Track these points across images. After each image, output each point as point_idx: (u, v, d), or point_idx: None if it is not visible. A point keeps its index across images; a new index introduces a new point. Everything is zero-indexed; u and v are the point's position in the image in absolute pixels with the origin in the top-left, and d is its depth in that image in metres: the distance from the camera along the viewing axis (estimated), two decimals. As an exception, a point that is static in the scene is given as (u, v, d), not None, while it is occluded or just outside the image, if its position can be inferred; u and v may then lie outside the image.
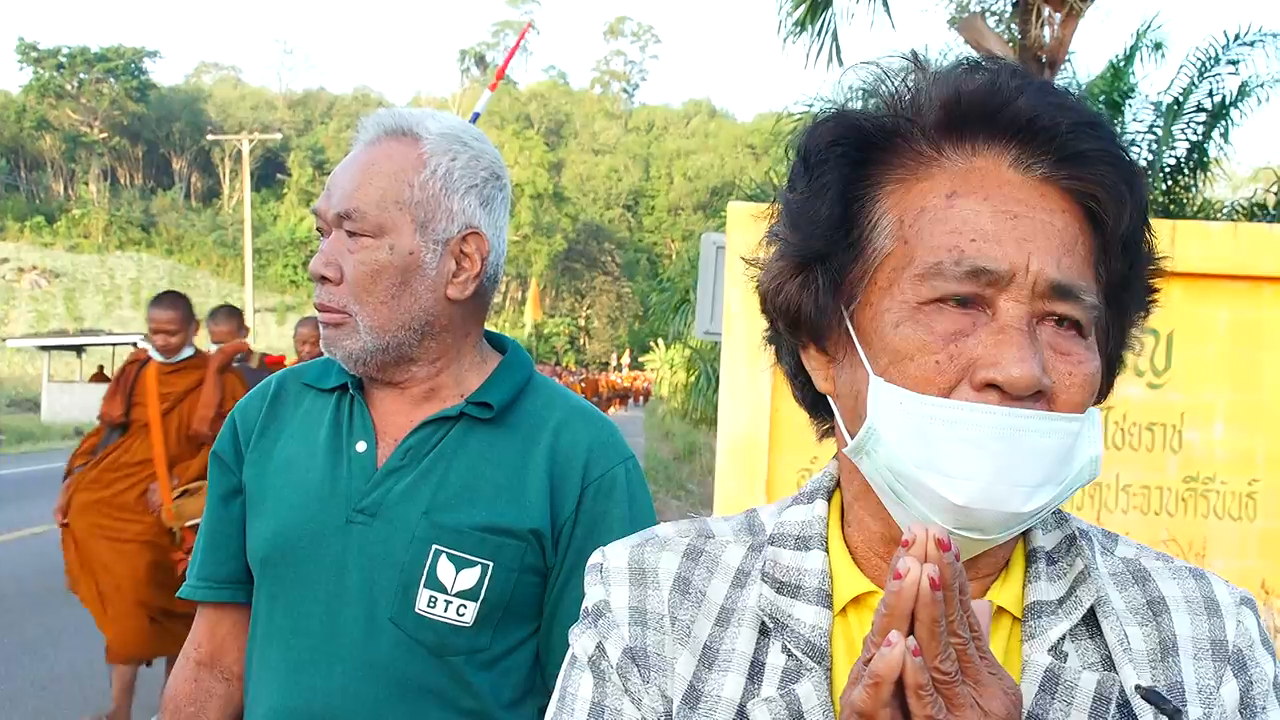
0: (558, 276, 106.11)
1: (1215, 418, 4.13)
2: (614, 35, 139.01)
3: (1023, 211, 1.07)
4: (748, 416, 3.89)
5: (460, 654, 1.93)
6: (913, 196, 1.11)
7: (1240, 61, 14.40)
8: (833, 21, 13.41)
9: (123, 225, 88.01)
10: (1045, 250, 1.06)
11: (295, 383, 2.16)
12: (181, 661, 2.19)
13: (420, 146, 1.99)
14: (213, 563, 2.16)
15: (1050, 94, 1.10)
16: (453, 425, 2.01)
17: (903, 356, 1.07)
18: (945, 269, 1.06)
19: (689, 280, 16.96)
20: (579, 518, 1.99)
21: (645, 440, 34.21)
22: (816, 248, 1.14)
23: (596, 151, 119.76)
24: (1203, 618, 1.17)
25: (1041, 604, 1.14)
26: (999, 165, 1.10)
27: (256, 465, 2.09)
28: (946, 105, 1.11)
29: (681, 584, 1.23)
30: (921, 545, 0.92)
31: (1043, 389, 1.04)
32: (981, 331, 1.05)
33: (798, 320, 1.19)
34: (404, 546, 1.93)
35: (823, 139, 1.15)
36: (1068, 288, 1.06)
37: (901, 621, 0.91)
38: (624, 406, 57.40)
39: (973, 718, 0.93)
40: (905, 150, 1.13)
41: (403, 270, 1.97)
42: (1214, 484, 4.16)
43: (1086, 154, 1.08)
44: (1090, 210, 1.10)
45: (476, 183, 2.02)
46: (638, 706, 1.19)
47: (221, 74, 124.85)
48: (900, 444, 1.07)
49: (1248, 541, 4.07)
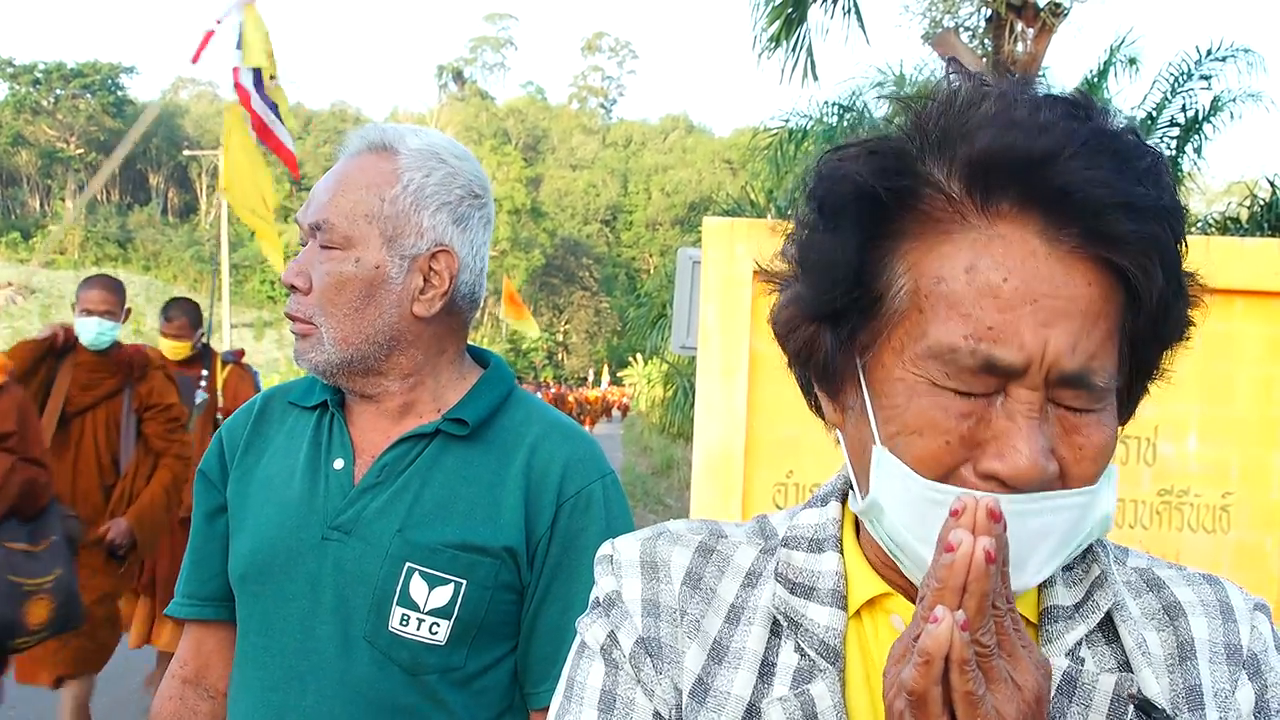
0: (535, 292, 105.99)
1: (1189, 431, 4.14)
2: (592, 51, 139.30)
3: (1045, 293, 1.00)
4: (723, 430, 3.88)
5: (434, 672, 1.92)
6: (931, 261, 1.03)
7: (1213, 77, 14.51)
8: (807, 37, 13.44)
9: (99, 241, 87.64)
10: (1064, 336, 0.99)
11: (280, 400, 2.15)
12: (167, 680, 2.18)
13: (396, 161, 1.99)
14: (197, 580, 2.14)
15: (1097, 155, 1.00)
16: (429, 442, 2.00)
17: (911, 430, 1.04)
18: (959, 358, 1.00)
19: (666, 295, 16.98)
20: (554, 535, 1.96)
21: (624, 455, 34.18)
22: (832, 305, 1.09)
23: (574, 167, 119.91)
24: (1218, 621, 1.16)
25: (1057, 608, 1.13)
26: (1025, 234, 1.01)
27: (239, 483, 2.08)
28: (973, 165, 1.02)
29: (693, 579, 1.22)
30: (971, 515, 0.91)
31: (1048, 478, 1.00)
32: (992, 414, 1.01)
33: (808, 365, 1.16)
34: (378, 564, 1.92)
35: (839, 198, 1.08)
36: (1080, 376, 1.00)
37: (954, 596, 0.90)
38: (592, 426, 55.92)
39: (1007, 692, 0.92)
40: (933, 203, 1.04)
41: (367, 284, 1.96)
42: (1188, 497, 4.16)
43: (1119, 236, 0.99)
44: (1120, 272, 1.02)
45: (450, 200, 2.00)
46: (649, 698, 1.17)
47: (199, 90, 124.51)
48: (900, 517, 1.05)
49: (1221, 554, 4.08)
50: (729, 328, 3.92)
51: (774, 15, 13.34)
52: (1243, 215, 12.94)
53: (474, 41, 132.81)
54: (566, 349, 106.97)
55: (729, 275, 3.94)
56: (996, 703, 0.91)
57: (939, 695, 0.90)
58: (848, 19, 13.55)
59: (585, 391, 67.31)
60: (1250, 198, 13.08)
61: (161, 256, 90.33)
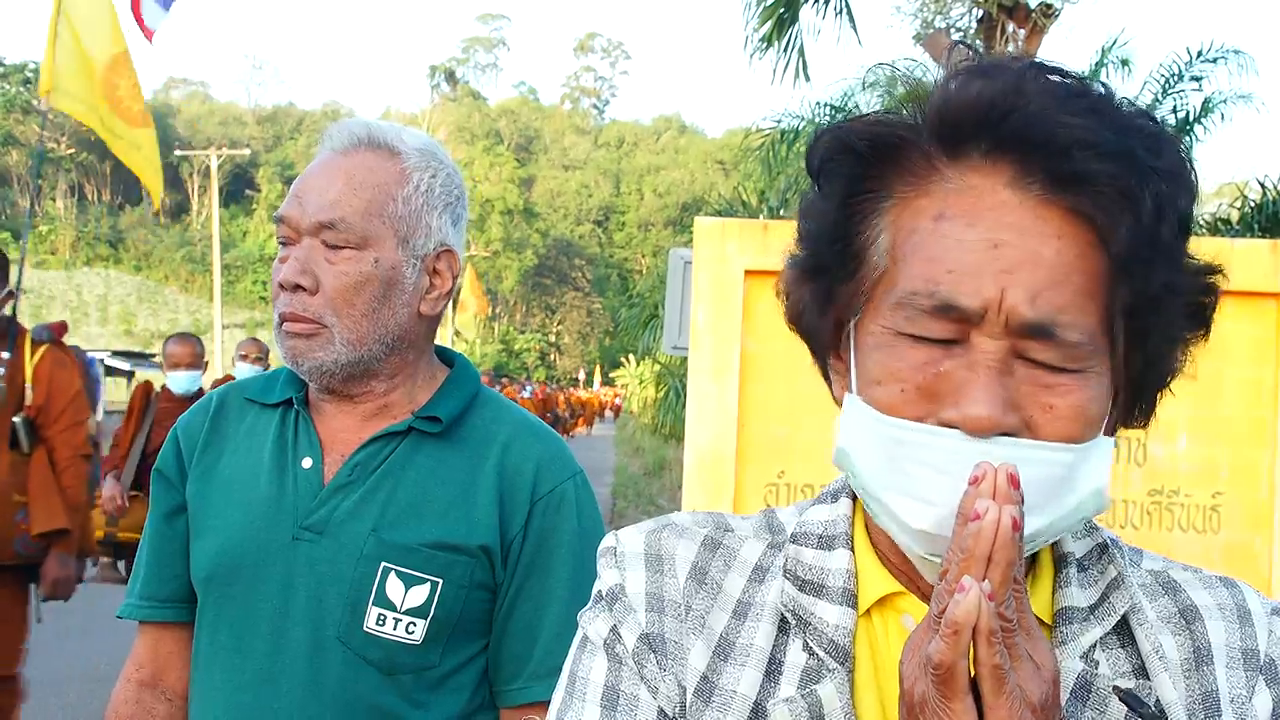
0: (528, 292, 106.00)
1: (1179, 431, 4.15)
2: (584, 51, 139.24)
3: (1010, 239, 0.99)
4: (714, 431, 3.88)
5: (409, 672, 1.92)
6: (908, 215, 1.05)
7: (1204, 78, 14.51)
8: (799, 38, 13.46)
9: (90, 241, 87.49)
10: (1025, 284, 0.98)
11: (238, 398, 2.13)
12: (122, 683, 2.15)
13: (401, 161, 2.00)
14: (155, 581, 2.12)
15: (1067, 100, 1.01)
16: (401, 440, 2.00)
17: (873, 380, 1.04)
18: (918, 301, 1.01)
19: (659, 296, 16.98)
20: (528, 533, 1.97)
21: (616, 456, 34.17)
22: (819, 261, 1.11)
23: (567, 167, 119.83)
24: (1235, 626, 1.13)
25: (1072, 610, 1.10)
26: (995, 184, 1.02)
27: (199, 482, 2.07)
28: (940, 116, 1.04)
29: (698, 573, 1.19)
30: (991, 482, 0.90)
31: (1006, 429, 0.98)
32: (951, 364, 1.00)
33: (805, 330, 1.16)
34: (352, 564, 1.92)
35: (824, 150, 1.11)
36: (1043, 326, 0.98)
37: (979, 565, 0.88)
38: (585, 427, 54.93)
39: (1030, 670, 0.90)
40: (910, 160, 1.06)
41: (386, 284, 1.96)
42: (1178, 497, 4.17)
43: (1082, 175, 0.99)
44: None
45: (451, 201, 2.04)
46: (653, 694, 1.15)
47: (190, 89, 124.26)
48: (869, 464, 1.04)
49: (1211, 554, 4.09)
50: (720, 328, 3.92)
51: (766, 15, 13.35)
52: (1233, 216, 12.96)
53: (466, 41, 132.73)
54: (559, 349, 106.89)
55: (720, 276, 3.94)
56: (1021, 679, 0.90)
57: (965, 669, 0.89)
58: (839, 19, 13.57)
59: (577, 392, 67.19)
60: (1241, 199, 13.10)
61: (153, 256, 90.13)
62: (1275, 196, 12.36)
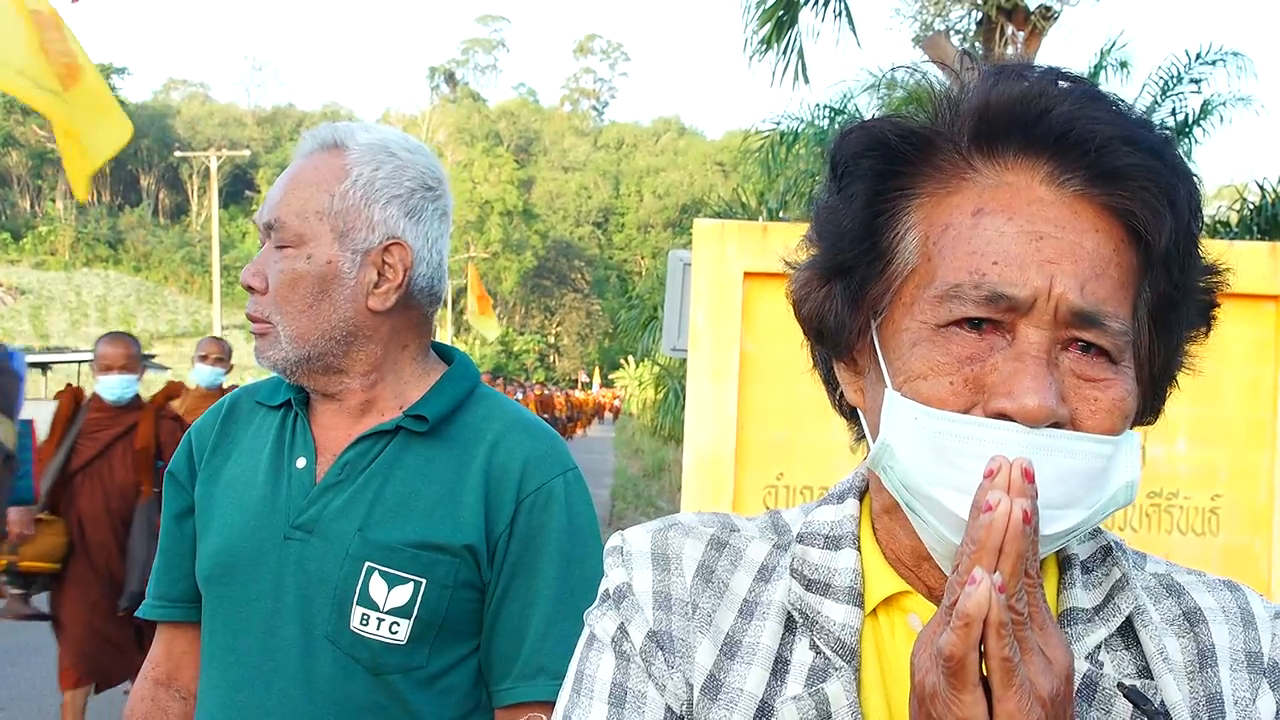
0: (527, 294, 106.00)
1: (1178, 433, 4.15)
2: (583, 53, 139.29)
3: (1050, 232, 1.02)
4: (714, 433, 3.88)
5: (396, 672, 1.92)
6: (941, 212, 1.07)
7: (1203, 80, 14.51)
8: (798, 40, 13.44)
9: (90, 242, 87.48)
10: (1071, 274, 1.00)
11: (248, 400, 2.16)
12: (140, 681, 2.18)
13: (345, 157, 2.00)
14: (167, 581, 2.15)
15: (1093, 102, 1.04)
16: (390, 439, 2.00)
17: (916, 376, 1.04)
18: (964, 292, 1.02)
19: (658, 297, 16.97)
20: (514, 532, 1.96)
21: (615, 457, 34.17)
22: (841, 260, 1.11)
23: (566, 169, 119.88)
24: (1239, 629, 1.14)
25: (1077, 611, 1.11)
26: (1031, 180, 1.04)
27: (207, 484, 2.09)
28: (977, 115, 1.06)
29: (705, 572, 1.19)
30: (1005, 476, 0.90)
31: (1058, 420, 0.99)
32: (998, 357, 1.01)
33: (823, 332, 1.16)
34: (338, 563, 1.92)
35: (851, 148, 1.11)
36: (1092, 315, 1.00)
37: (990, 557, 0.88)
38: (584, 429, 54.68)
39: (1040, 663, 0.90)
40: (939, 159, 1.08)
41: (320, 279, 1.97)
42: (1177, 499, 4.17)
43: (1122, 170, 1.02)
44: (1131, 227, 1.04)
45: (400, 193, 2.01)
46: (661, 692, 1.15)
47: (190, 90, 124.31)
48: (914, 460, 1.03)
49: (1210, 557, 4.09)
50: (719, 330, 3.93)
51: (765, 18, 13.34)
52: (1232, 219, 12.96)
53: (466, 43, 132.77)
54: (558, 351, 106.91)
55: (719, 277, 3.95)
56: (1030, 673, 0.90)
57: (976, 661, 0.89)
58: (838, 22, 13.55)
59: (575, 393, 67.04)
60: (1240, 201, 13.10)
61: (152, 258, 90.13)
62: (1274, 199, 12.36)
